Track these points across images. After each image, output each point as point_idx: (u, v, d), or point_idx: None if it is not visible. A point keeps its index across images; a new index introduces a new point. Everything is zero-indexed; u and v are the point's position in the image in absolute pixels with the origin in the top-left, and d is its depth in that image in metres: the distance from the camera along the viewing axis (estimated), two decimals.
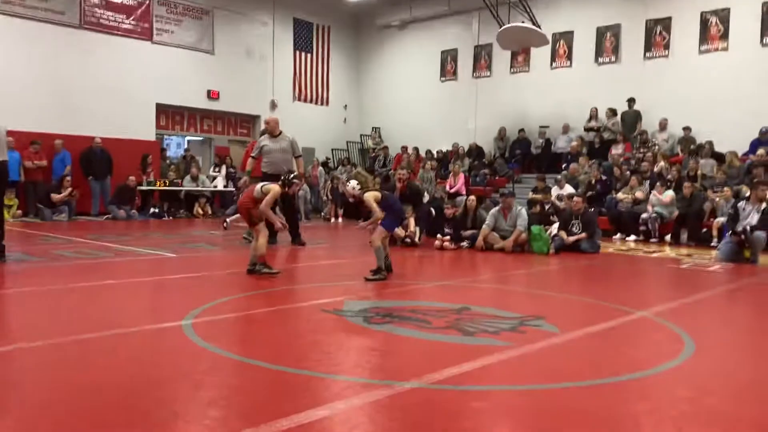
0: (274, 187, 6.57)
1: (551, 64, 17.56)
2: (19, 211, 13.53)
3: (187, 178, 16.40)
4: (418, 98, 20.52)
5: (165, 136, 19.05)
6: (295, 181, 6.88)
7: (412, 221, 10.22)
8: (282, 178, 6.86)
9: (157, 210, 15.68)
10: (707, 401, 3.13)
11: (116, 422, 2.65)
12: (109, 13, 16.31)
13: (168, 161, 17.73)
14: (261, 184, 6.76)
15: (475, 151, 18.03)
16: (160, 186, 15.94)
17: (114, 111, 16.23)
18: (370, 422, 2.75)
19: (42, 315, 4.70)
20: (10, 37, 14.66)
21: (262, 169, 9.48)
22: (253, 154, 9.84)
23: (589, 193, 12.97)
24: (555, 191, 12.92)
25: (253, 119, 19.97)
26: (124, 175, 15.18)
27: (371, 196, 6.55)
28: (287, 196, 8.50)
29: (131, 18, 16.72)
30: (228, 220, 12.43)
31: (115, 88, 16.28)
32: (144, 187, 15.67)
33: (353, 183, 6.75)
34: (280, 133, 9.72)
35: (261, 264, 6.47)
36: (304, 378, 3.28)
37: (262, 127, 19.84)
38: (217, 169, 17.29)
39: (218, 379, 3.25)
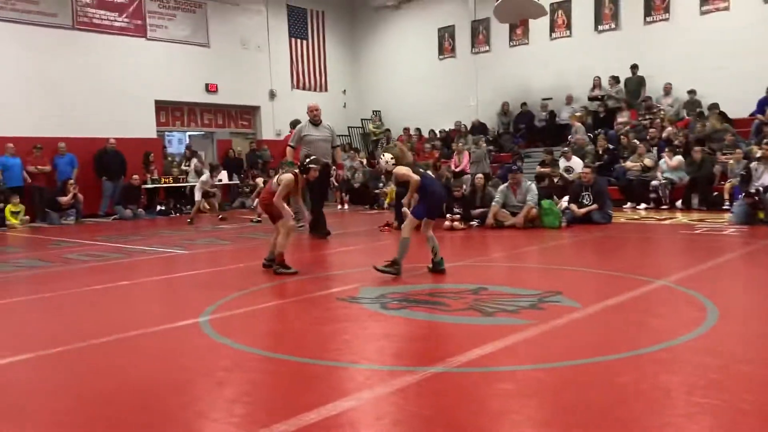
0: (287, 176, 6.17)
1: (551, 35, 17.33)
2: (27, 217, 13.54)
3: (191, 173, 16.36)
4: (417, 78, 20.34)
5: (166, 133, 18.98)
6: (311, 166, 6.29)
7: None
8: (300, 164, 6.48)
9: (163, 207, 15.67)
10: (737, 368, 3.08)
11: (139, 425, 2.62)
12: (102, 12, 16.18)
13: (170, 158, 17.69)
14: (279, 175, 6.38)
15: (479, 128, 17.89)
16: (164, 183, 15.91)
17: (113, 110, 16.15)
18: (398, 411, 2.72)
19: (58, 321, 4.68)
20: (3, 42, 14.57)
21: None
22: (291, 143, 9.24)
23: (597, 163, 12.85)
24: (562, 163, 12.79)
25: (254, 110, 19.86)
26: (128, 174, 15.18)
27: (403, 169, 5.89)
28: (316, 184, 7.94)
29: (124, 15, 16.59)
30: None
31: (113, 87, 16.19)
32: (149, 185, 15.66)
33: (387, 156, 6.10)
34: (321, 121, 9.24)
35: (278, 264, 6.08)
36: (326, 368, 3.24)
37: (263, 117, 20.17)
38: (187, 164, 16.37)
39: (240, 375, 3.21)
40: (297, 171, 6.30)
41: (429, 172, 5.97)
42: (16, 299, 5.59)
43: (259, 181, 14.26)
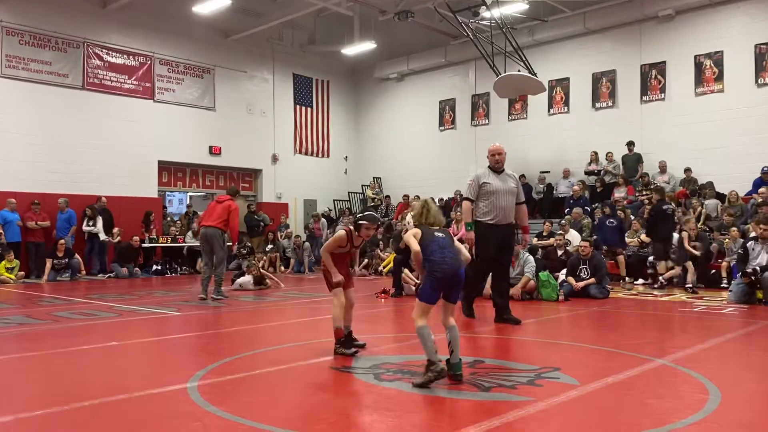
0: (339, 232, 5.35)
1: (549, 111, 17.75)
2: (22, 273, 13.43)
3: (189, 233, 16.36)
4: (417, 147, 20.68)
5: (167, 193, 19.11)
6: (362, 223, 5.29)
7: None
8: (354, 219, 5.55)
9: (159, 267, 15.58)
10: None
11: None
12: (112, 74, 16.59)
13: (169, 218, 17.73)
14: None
15: None
16: (162, 242, 15.89)
17: (117, 169, 16.34)
18: None
19: (42, 381, 4.55)
20: (14, 99, 14.86)
21: (480, 218, 7.04)
22: (469, 196, 7.14)
23: (594, 237, 12.88)
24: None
25: (255, 173, 20.08)
26: (127, 232, 15.17)
27: (411, 234, 4.58)
28: (499, 252, 6.94)
29: (133, 78, 17.00)
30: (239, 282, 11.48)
31: (118, 147, 16.43)
32: (146, 244, 15.63)
33: (408, 216, 4.96)
34: (504, 168, 7.20)
35: (337, 343, 5.26)
36: None
37: (265, 181, 20.41)
38: (90, 223, 14.97)
39: None
40: (350, 227, 5.43)
41: (443, 236, 4.49)
42: None
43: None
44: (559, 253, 11.23)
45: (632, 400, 3.94)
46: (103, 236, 14.93)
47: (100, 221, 15.03)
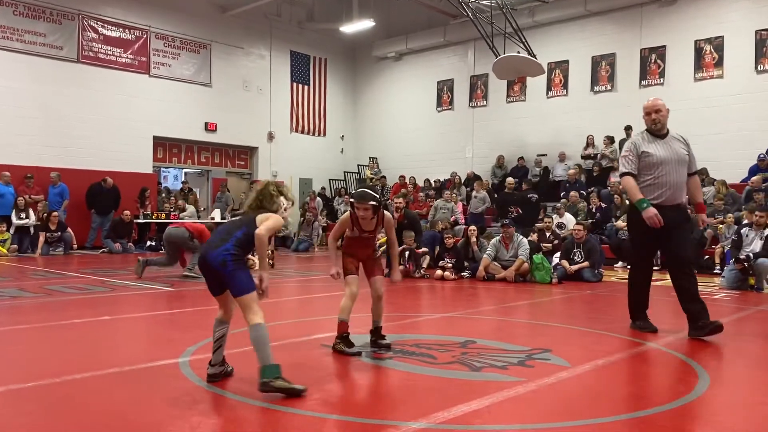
0: (344, 215, 4.46)
1: (547, 93, 17.66)
2: (15, 246, 13.38)
3: (188, 212, 16.30)
4: (415, 128, 20.59)
5: (162, 169, 19.01)
6: (351, 201, 4.56)
7: (427, 258, 10.33)
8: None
9: (153, 243, 15.54)
10: None
11: None
12: (107, 48, 16.40)
13: (164, 194, 17.66)
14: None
15: (473, 180, 17.98)
16: (156, 218, 15.84)
17: (111, 144, 16.23)
18: None
19: (34, 354, 4.55)
20: (8, 71, 14.69)
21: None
22: (629, 170, 5.53)
23: (589, 221, 12.89)
24: (555, 219, 12.81)
25: (251, 151, 19.98)
26: (120, 207, 15.12)
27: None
28: (665, 237, 5.35)
29: (129, 52, 16.81)
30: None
31: (113, 121, 16.30)
32: (141, 220, 15.58)
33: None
34: (668, 130, 5.66)
35: (338, 338, 4.56)
36: (305, 419, 3.14)
37: (260, 158, 20.35)
38: (23, 215, 13.78)
39: (217, 421, 3.10)
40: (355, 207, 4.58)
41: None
42: None
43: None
44: (547, 234, 11.29)
45: (622, 382, 3.96)
46: (218, 215, 15.00)
47: (32, 214, 13.85)
